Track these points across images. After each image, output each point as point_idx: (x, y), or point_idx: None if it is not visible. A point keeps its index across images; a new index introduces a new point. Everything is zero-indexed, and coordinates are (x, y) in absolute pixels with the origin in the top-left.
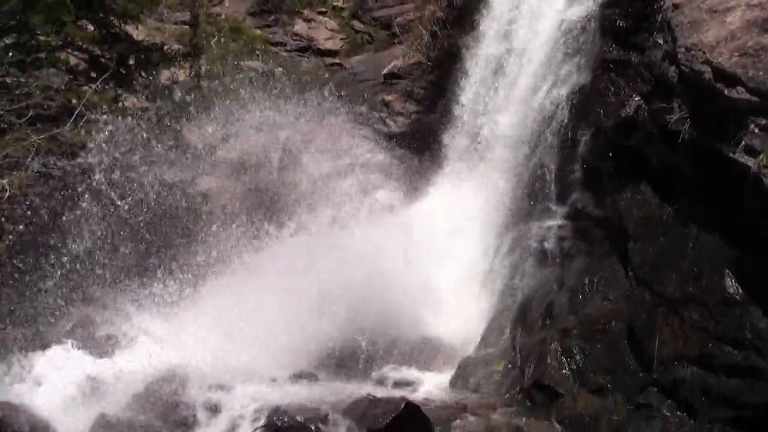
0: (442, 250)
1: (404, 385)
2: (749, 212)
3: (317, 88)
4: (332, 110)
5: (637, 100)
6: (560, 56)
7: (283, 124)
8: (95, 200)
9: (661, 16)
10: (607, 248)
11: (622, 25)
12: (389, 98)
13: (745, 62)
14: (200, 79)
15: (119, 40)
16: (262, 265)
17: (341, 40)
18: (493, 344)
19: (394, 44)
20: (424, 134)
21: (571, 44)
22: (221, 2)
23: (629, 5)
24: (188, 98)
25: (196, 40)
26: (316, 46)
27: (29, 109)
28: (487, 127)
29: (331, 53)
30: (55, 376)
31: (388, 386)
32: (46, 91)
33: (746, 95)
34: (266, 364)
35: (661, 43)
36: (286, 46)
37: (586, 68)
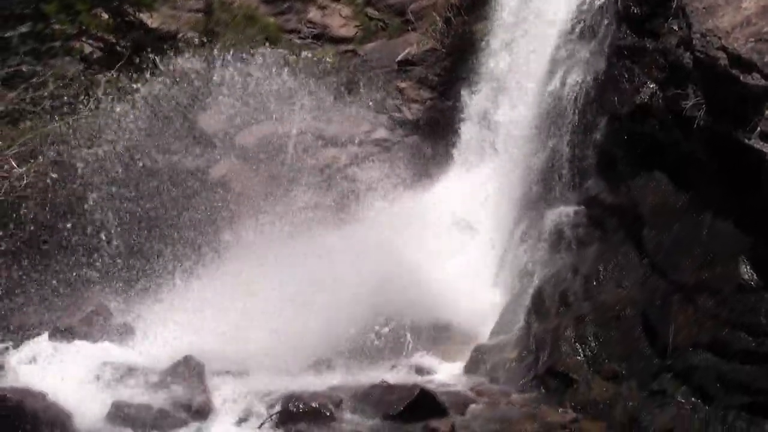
0: (456, 236)
1: (419, 372)
2: (765, 198)
3: (331, 75)
4: (346, 97)
5: (651, 86)
6: (574, 42)
7: (297, 111)
8: (111, 188)
9: (676, 2)
10: (621, 235)
11: (636, 11)
12: (403, 85)
13: (761, 48)
14: (214, 66)
15: (133, 28)
16: (277, 253)
17: (355, 27)
18: (507, 331)
19: (408, 31)
20: (438, 121)
21: (585, 30)
22: None
23: None
24: (203, 86)
25: (210, 27)
26: (329, 33)
27: (45, 97)
28: (500, 113)
29: (344, 40)
30: (71, 362)
31: (402, 373)
32: (61, 79)
33: (762, 81)
34: (281, 351)
35: (676, 29)
36: (299, 33)
37: (600, 55)
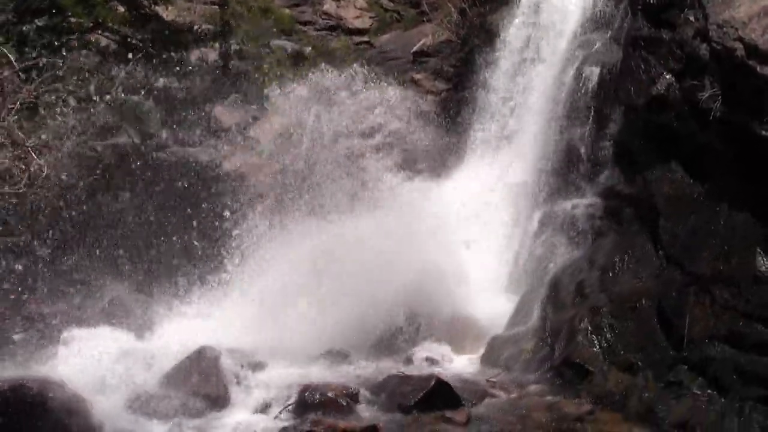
0: (472, 228)
1: (435, 362)
2: None
3: (346, 67)
4: (361, 89)
5: (668, 77)
6: (591, 33)
7: (312, 103)
8: (127, 180)
9: None
10: (637, 226)
11: (653, 1)
12: (418, 76)
13: None
14: (230, 59)
15: (149, 21)
16: (292, 244)
17: (370, 18)
18: (523, 322)
19: (423, 22)
20: (453, 112)
21: (601, 21)
22: None
23: None
24: (218, 78)
25: (225, 19)
26: (344, 24)
27: (62, 90)
28: (516, 104)
29: (359, 32)
30: (90, 352)
31: (418, 364)
32: (78, 72)
33: None
34: (297, 342)
35: (692, 20)
36: (315, 25)
37: (616, 46)
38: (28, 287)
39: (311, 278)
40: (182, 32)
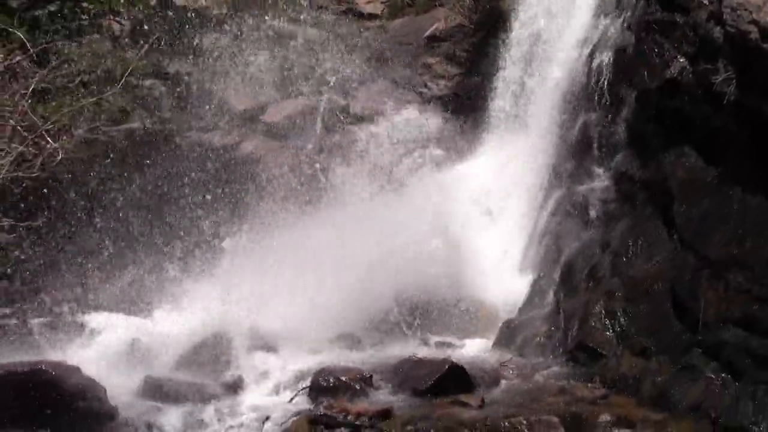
0: (485, 212)
1: (448, 346)
2: None
3: (358, 51)
4: (373, 74)
5: (681, 61)
6: (604, 18)
7: (324, 87)
8: (140, 165)
9: None
10: (650, 210)
11: None
12: (431, 61)
13: None
14: (242, 43)
15: (162, 5)
16: (307, 229)
17: (382, 3)
18: (536, 306)
19: (435, 7)
20: (466, 97)
21: (614, 5)
22: None
23: None
24: (231, 63)
25: (237, 4)
26: (357, 9)
27: (76, 75)
28: (529, 89)
29: (372, 17)
30: (104, 337)
31: (432, 348)
32: (90, 57)
33: None
34: (311, 326)
35: (706, 3)
36: (327, 9)
37: (629, 30)
38: (43, 272)
39: (326, 262)
40: (195, 17)
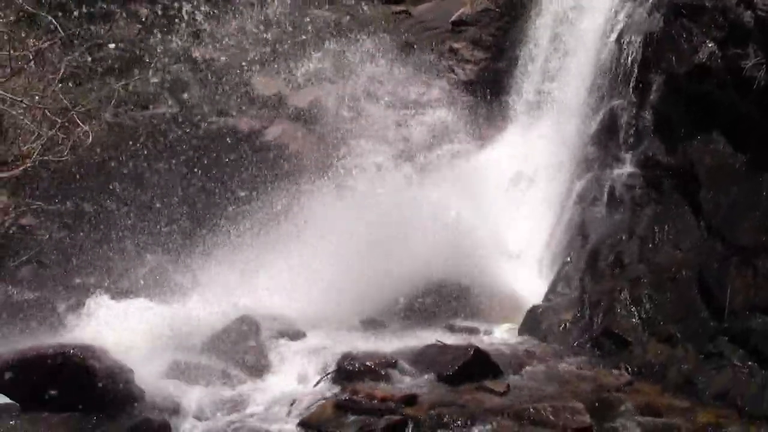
0: (510, 198)
1: (473, 333)
2: None
3: (385, 36)
4: (400, 58)
5: (710, 46)
6: (632, 2)
7: (350, 72)
8: (167, 149)
9: None
10: (677, 197)
11: None
12: (457, 46)
13: None
14: (268, 28)
15: None
16: (332, 214)
17: None
18: (561, 293)
19: None
20: (492, 81)
21: None
22: None
23: None
24: (256, 48)
25: None
26: None
27: (103, 59)
28: (556, 74)
29: (398, 1)
30: (132, 321)
31: (457, 334)
32: (117, 42)
33: None
34: (336, 312)
35: None
36: None
37: (658, 14)
38: (71, 257)
39: (351, 248)
40: (221, 2)
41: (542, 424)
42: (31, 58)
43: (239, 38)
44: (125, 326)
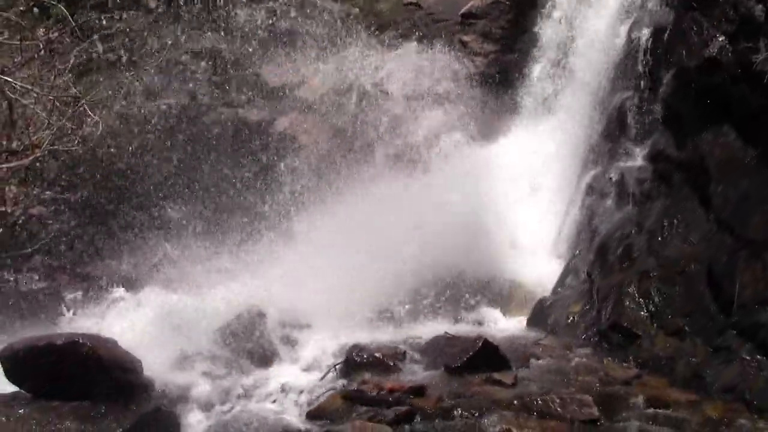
0: (519, 190)
1: (482, 324)
2: None
3: (394, 28)
4: (409, 50)
5: (721, 39)
6: None
7: (360, 64)
8: (176, 140)
9: None
10: (687, 190)
11: None
12: (467, 38)
13: None
14: (278, 19)
15: None
16: (341, 206)
17: None
18: (569, 285)
19: None
20: (502, 74)
21: None
22: None
23: None
24: (266, 39)
25: None
26: None
27: (113, 50)
28: (566, 67)
29: None
30: (140, 310)
31: (465, 326)
32: (128, 33)
33: None
34: (345, 303)
35: None
36: None
37: (668, 7)
38: (80, 247)
39: (360, 240)
40: None
41: (550, 415)
42: (41, 47)
43: (249, 29)
44: (134, 316)
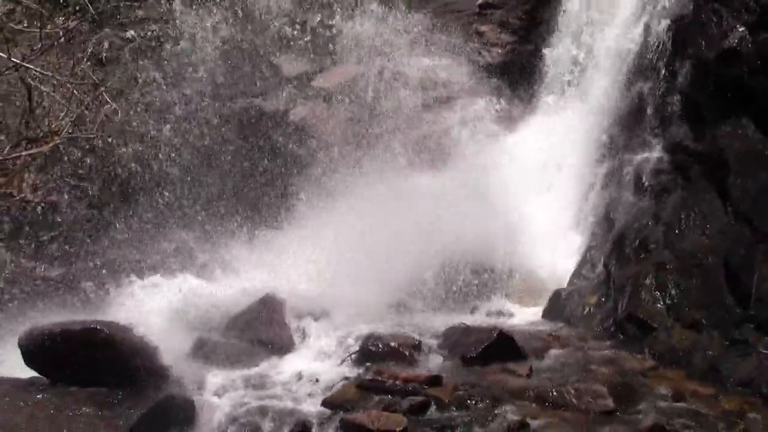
0: (537, 182)
1: (497, 315)
2: None
3: (410, 18)
4: (425, 41)
5: (741, 30)
6: None
7: (376, 54)
8: (192, 129)
9: None
10: (705, 182)
11: None
12: (484, 29)
13: None
14: (294, 9)
15: None
16: (358, 197)
17: None
18: (586, 277)
19: None
20: (519, 65)
21: None
22: None
23: None
24: (283, 28)
25: None
26: None
27: (131, 39)
28: (583, 57)
29: None
30: (157, 298)
31: (480, 316)
32: (143, 22)
33: None
34: (361, 292)
35: None
36: None
37: None
38: (98, 234)
39: (376, 230)
40: None
41: (565, 406)
42: (60, 35)
43: (265, 17)
44: (151, 304)
